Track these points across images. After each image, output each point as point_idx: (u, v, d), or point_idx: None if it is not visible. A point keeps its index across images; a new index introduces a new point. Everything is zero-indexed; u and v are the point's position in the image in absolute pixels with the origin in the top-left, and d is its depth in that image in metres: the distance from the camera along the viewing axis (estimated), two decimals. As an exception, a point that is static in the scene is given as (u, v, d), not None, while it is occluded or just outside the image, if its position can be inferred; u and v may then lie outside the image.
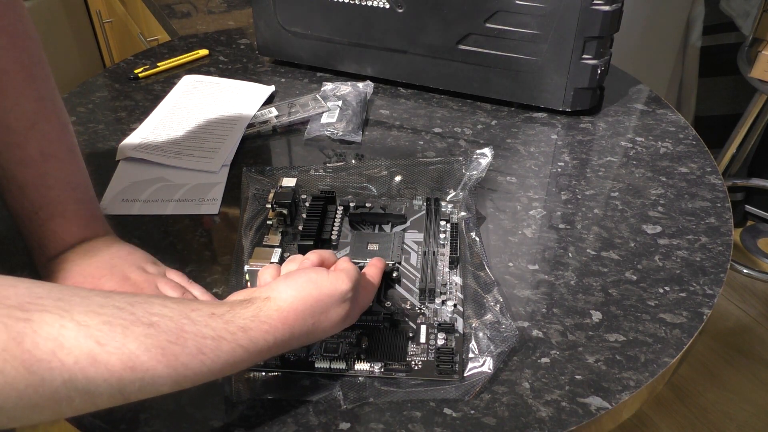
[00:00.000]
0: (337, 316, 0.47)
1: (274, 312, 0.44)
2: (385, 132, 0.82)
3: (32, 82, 0.54)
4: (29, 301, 0.35)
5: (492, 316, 0.55)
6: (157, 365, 0.38)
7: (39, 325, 0.34)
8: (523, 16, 0.78)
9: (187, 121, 0.82)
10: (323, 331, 0.47)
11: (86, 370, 0.35)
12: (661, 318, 0.57)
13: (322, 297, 0.46)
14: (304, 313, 0.45)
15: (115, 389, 0.37)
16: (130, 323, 0.38)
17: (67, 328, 0.35)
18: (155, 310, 0.39)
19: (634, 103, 0.87)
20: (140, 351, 0.37)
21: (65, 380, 0.35)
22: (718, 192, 0.72)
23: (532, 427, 0.48)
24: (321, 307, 0.46)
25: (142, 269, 0.57)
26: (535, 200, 0.70)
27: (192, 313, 0.41)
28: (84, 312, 0.37)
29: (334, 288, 0.47)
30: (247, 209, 0.66)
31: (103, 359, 0.36)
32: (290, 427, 0.48)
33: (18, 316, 0.34)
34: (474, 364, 0.51)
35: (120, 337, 0.37)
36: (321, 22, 0.88)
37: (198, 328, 0.40)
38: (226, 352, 0.41)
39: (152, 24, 1.28)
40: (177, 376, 0.39)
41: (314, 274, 0.47)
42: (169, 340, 0.38)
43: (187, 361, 0.39)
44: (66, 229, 0.56)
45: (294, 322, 0.44)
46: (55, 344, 0.35)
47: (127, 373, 0.37)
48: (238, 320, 0.42)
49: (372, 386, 0.50)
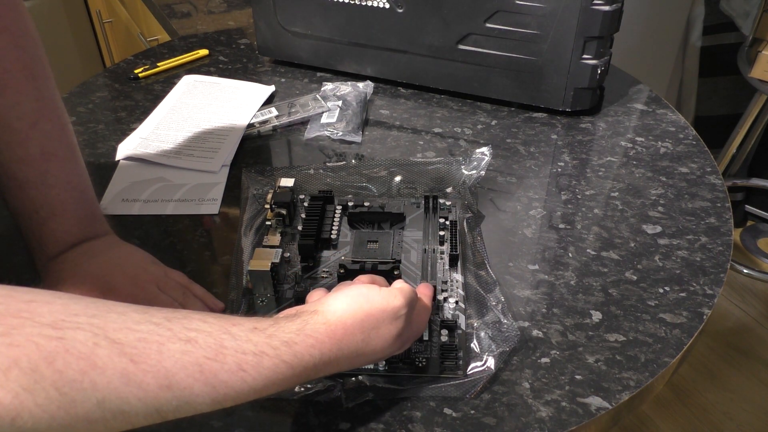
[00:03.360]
0: (389, 334, 0.44)
1: (321, 326, 0.41)
2: (385, 132, 0.82)
3: (33, 82, 0.54)
4: (63, 319, 0.34)
5: (493, 315, 0.55)
6: (195, 383, 0.36)
7: (71, 344, 0.33)
8: (523, 16, 0.78)
9: (187, 121, 0.82)
10: (373, 351, 0.44)
11: (120, 390, 0.34)
12: (661, 318, 0.57)
13: (373, 312, 0.43)
14: (353, 328, 0.42)
15: (151, 409, 0.35)
16: (166, 339, 0.36)
17: (100, 347, 0.34)
18: (194, 326, 0.38)
19: (634, 103, 0.87)
20: (176, 369, 0.35)
21: (99, 401, 0.33)
22: (718, 192, 0.72)
23: (532, 427, 0.48)
24: (372, 323, 0.43)
25: (143, 269, 0.57)
26: (535, 200, 0.70)
27: (233, 328, 0.39)
28: (118, 329, 0.35)
29: (386, 303, 0.44)
30: (247, 209, 0.66)
31: (137, 378, 0.34)
32: (290, 427, 0.48)
33: (50, 335, 0.33)
34: (476, 363, 0.51)
35: (155, 354, 0.35)
36: (321, 22, 0.88)
37: (238, 344, 0.38)
38: (268, 368, 0.38)
39: (152, 24, 1.28)
40: (216, 395, 0.37)
41: (365, 289, 0.45)
42: (207, 357, 0.37)
43: (226, 378, 0.37)
44: (66, 228, 0.56)
45: (342, 337, 0.42)
46: (87, 364, 0.33)
47: (164, 392, 0.35)
48: (281, 334, 0.40)
49: (374, 384, 0.50)
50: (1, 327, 0.31)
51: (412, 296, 0.46)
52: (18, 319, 0.32)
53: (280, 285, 0.58)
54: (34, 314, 0.33)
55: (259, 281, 0.56)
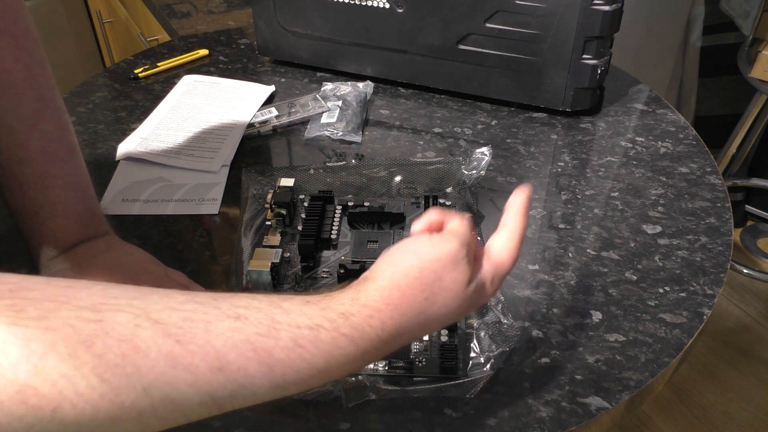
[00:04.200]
0: (455, 283, 0.40)
1: (375, 293, 0.38)
2: (385, 132, 0.82)
3: (33, 82, 0.54)
4: (102, 302, 0.31)
5: (493, 315, 0.55)
6: (249, 363, 0.33)
7: (111, 326, 0.30)
8: (523, 16, 0.78)
9: (187, 121, 0.82)
10: (444, 305, 0.40)
11: (166, 375, 0.31)
12: (661, 318, 0.57)
13: (425, 264, 0.40)
14: (410, 288, 0.39)
15: (204, 395, 0.32)
16: (213, 317, 0.33)
17: (142, 328, 0.31)
18: (242, 303, 0.35)
19: (634, 103, 0.87)
20: (227, 348, 0.33)
21: (144, 387, 0.30)
22: (718, 192, 0.72)
23: (532, 427, 0.48)
24: (430, 276, 0.40)
25: (143, 269, 0.57)
26: (535, 200, 0.70)
27: (284, 303, 0.36)
28: (161, 309, 0.32)
29: (438, 250, 0.40)
30: (247, 209, 0.66)
31: (185, 361, 0.31)
32: (290, 427, 0.48)
33: (89, 318, 0.30)
34: (476, 363, 0.51)
35: (203, 333, 0.32)
36: (321, 22, 0.88)
37: (292, 318, 0.35)
38: (326, 342, 0.35)
39: (152, 24, 1.28)
40: (274, 376, 0.34)
41: (411, 243, 0.41)
42: (259, 333, 0.34)
43: (282, 356, 0.34)
44: (66, 228, 0.56)
45: (401, 301, 0.38)
46: (129, 347, 0.30)
47: (215, 375, 0.32)
48: (336, 306, 0.37)
49: (374, 384, 0.50)
50: (37, 311, 0.29)
51: (466, 234, 0.42)
52: (54, 303, 0.30)
53: (280, 285, 0.58)
54: (71, 298, 0.31)
55: (259, 281, 0.56)
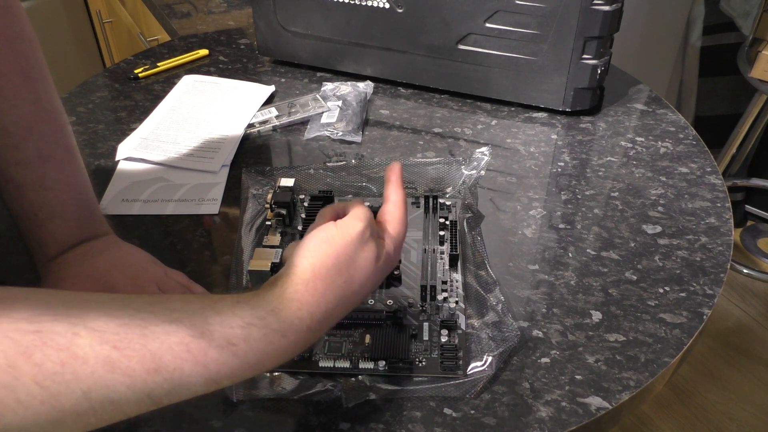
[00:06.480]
0: (366, 260, 0.44)
1: (300, 285, 0.41)
2: (385, 132, 0.82)
3: (30, 85, 0.54)
4: (40, 313, 0.33)
5: (493, 315, 0.55)
6: (184, 364, 0.35)
7: (49, 336, 0.32)
8: (523, 16, 0.78)
9: (187, 121, 0.82)
10: (361, 284, 0.44)
11: (105, 379, 0.33)
12: (661, 318, 0.57)
13: (339, 249, 0.43)
14: (330, 274, 0.42)
15: (141, 395, 0.34)
16: (149, 323, 0.35)
17: (80, 336, 0.33)
18: (176, 306, 0.37)
19: (634, 103, 0.87)
20: (163, 351, 0.34)
21: (83, 392, 0.32)
22: (718, 192, 0.72)
23: (532, 427, 0.48)
24: (345, 260, 0.43)
25: (143, 269, 0.56)
26: (535, 200, 0.70)
27: (216, 305, 0.38)
28: (98, 317, 0.34)
29: (346, 234, 0.43)
30: (247, 209, 0.66)
31: (122, 365, 0.33)
32: (290, 427, 0.48)
33: (27, 329, 0.32)
34: (476, 363, 0.51)
35: (139, 338, 0.34)
36: (321, 22, 0.88)
37: (223, 318, 0.37)
38: (258, 339, 0.38)
39: (152, 24, 1.28)
40: (209, 373, 0.36)
41: (322, 232, 0.44)
42: (193, 335, 0.36)
43: (216, 355, 0.36)
44: (65, 230, 0.56)
45: (325, 289, 0.41)
46: (67, 355, 0.32)
47: (152, 377, 0.34)
48: (265, 304, 0.39)
49: (374, 384, 0.50)
50: None
51: (367, 215, 0.46)
52: None
53: (280, 285, 0.58)
54: (9, 310, 0.32)
55: (259, 281, 0.56)
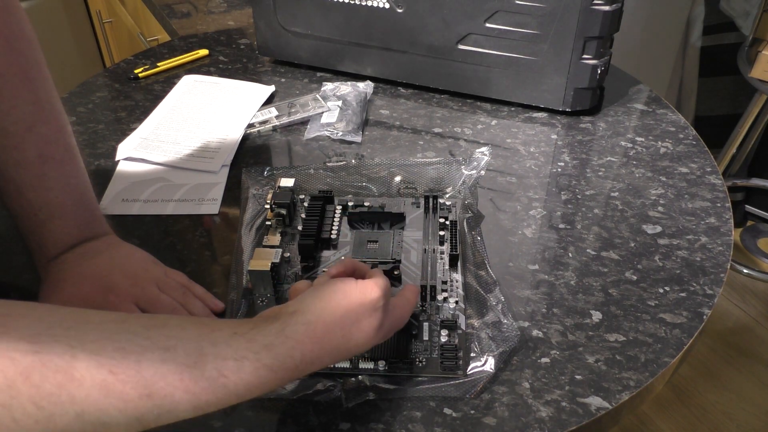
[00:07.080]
0: (369, 327, 0.44)
1: (301, 326, 0.41)
2: (385, 132, 0.82)
3: (29, 85, 0.54)
4: (39, 332, 0.33)
5: (493, 315, 0.55)
6: (175, 391, 0.36)
7: (48, 357, 0.33)
8: (523, 16, 0.78)
9: (187, 121, 0.82)
10: (356, 345, 0.44)
11: (99, 402, 0.34)
12: (661, 318, 0.57)
13: (351, 307, 0.43)
14: (333, 326, 0.43)
15: (131, 419, 0.35)
16: (145, 349, 0.36)
17: (77, 359, 0.33)
18: (173, 333, 0.38)
19: (634, 103, 0.87)
20: (156, 378, 0.35)
21: (77, 414, 0.33)
22: (718, 192, 0.72)
23: (532, 427, 0.48)
24: (351, 318, 0.43)
25: (143, 269, 0.57)
26: (535, 200, 0.70)
27: (212, 334, 0.39)
28: (96, 340, 0.35)
29: (363, 296, 0.44)
30: (247, 209, 0.66)
31: (116, 389, 0.34)
32: (290, 427, 0.48)
33: (26, 349, 0.32)
34: (476, 363, 0.51)
35: (134, 364, 0.35)
36: (321, 22, 0.88)
37: (218, 350, 0.38)
38: (249, 373, 0.38)
39: (152, 24, 1.28)
40: (197, 402, 0.37)
41: (341, 284, 0.45)
42: (186, 364, 0.36)
43: (206, 385, 0.37)
44: (65, 230, 0.56)
45: (323, 336, 0.42)
46: (65, 377, 0.33)
47: (144, 402, 0.35)
48: (261, 338, 0.40)
49: (374, 384, 0.50)
50: None
51: (387, 287, 0.47)
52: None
53: (280, 285, 0.58)
54: (8, 328, 0.33)
55: (259, 281, 0.56)
